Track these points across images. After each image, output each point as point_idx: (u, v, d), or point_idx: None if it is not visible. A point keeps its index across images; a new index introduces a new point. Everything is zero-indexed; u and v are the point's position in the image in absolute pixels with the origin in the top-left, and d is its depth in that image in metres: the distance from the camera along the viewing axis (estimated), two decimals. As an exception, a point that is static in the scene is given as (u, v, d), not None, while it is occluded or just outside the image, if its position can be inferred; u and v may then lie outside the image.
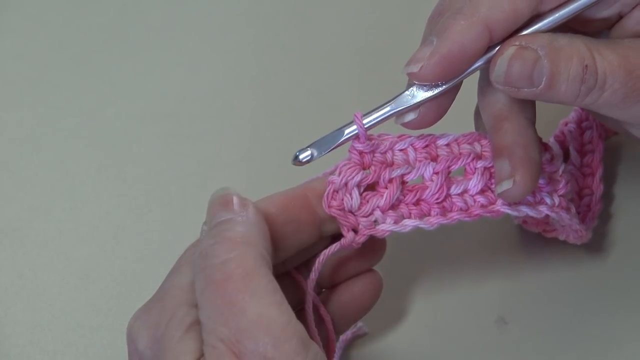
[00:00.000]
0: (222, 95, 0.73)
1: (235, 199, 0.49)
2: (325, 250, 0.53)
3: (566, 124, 0.64)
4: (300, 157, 0.52)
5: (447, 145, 0.54)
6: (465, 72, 0.50)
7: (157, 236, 0.66)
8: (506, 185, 0.50)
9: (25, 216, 0.67)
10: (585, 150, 0.63)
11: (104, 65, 0.75)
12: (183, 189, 0.68)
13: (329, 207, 0.52)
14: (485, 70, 0.51)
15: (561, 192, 0.55)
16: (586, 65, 0.48)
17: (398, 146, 0.53)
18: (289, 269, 0.55)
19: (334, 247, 0.53)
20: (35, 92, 0.73)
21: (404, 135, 0.54)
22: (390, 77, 0.58)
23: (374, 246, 0.56)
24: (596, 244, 0.63)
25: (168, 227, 0.66)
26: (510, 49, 0.49)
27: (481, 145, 0.54)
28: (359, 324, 0.60)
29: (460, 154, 0.54)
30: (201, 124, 0.71)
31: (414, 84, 0.51)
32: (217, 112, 0.72)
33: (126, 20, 0.78)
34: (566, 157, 0.62)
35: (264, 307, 0.44)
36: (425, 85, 0.51)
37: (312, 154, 0.52)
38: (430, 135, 0.54)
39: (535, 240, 0.63)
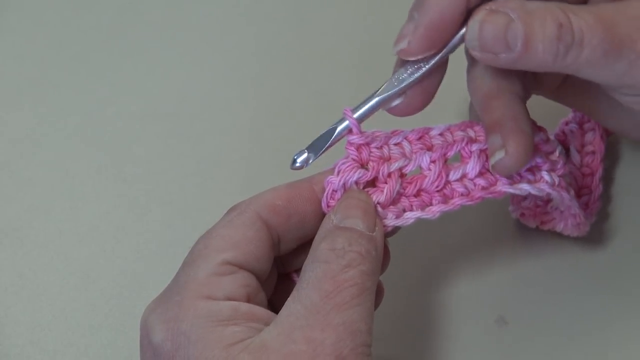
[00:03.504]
0: (222, 95, 0.73)
1: (372, 213, 0.51)
2: None
3: (567, 123, 0.64)
4: (298, 160, 0.52)
5: (441, 134, 0.54)
6: (447, 48, 0.51)
7: (157, 236, 0.66)
8: (498, 156, 0.51)
9: (25, 216, 0.67)
10: (586, 150, 0.63)
11: (104, 65, 0.75)
12: (183, 189, 0.68)
13: (328, 207, 0.52)
14: (471, 56, 0.52)
15: (559, 172, 0.55)
16: (561, 24, 0.48)
17: (392, 141, 0.54)
18: (289, 271, 0.55)
19: None
20: (35, 92, 0.73)
21: (397, 130, 0.54)
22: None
23: None
24: (597, 243, 0.64)
25: (168, 227, 0.66)
26: (480, 13, 0.49)
27: (474, 131, 0.54)
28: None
29: (454, 140, 0.54)
30: (201, 124, 0.71)
31: (396, 69, 0.52)
32: (217, 112, 0.72)
33: (126, 20, 0.78)
34: (566, 157, 0.63)
35: (358, 319, 0.47)
36: (410, 66, 0.52)
37: (309, 157, 0.52)
38: (423, 127, 0.54)
39: (535, 239, 0.64)
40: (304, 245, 0.54)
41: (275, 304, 0.53)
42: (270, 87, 0.73)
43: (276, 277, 0.54)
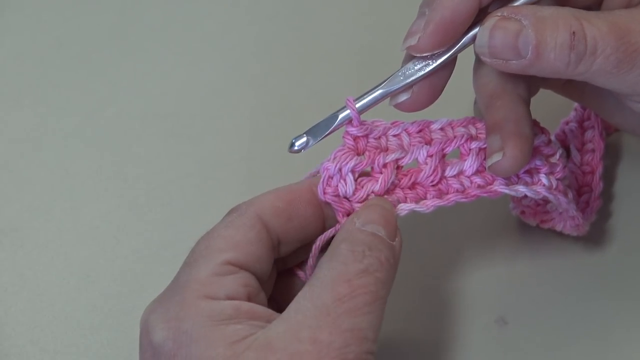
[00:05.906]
0: (222, 95, 0.73)
1: (394, 222, 0.51)
2: (320, 236, 0.53)
3: (567, 123, 0.64)
4: (296, 144, 0.53)
5: (441, 129, 0.54)
6: (457, 47, 0.51)
7: (157, 236, 0.66)
8: (496, 158, 0.51)
9: (25, 216, 0.67)
10: (586, 149, 0.63)
11: (104, 65, 0.75)
12: (183, 189, 0.68)
13: (324, 193, 0.52)
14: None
15: (558, 175, 0.55)
16: (573, 32, 0.48)
17: (391, 132, 0.54)
18: (291, 266, 0.55)
19: (329, 232, 0.53)
20: (35, 92, 0.73)
21: (397, 121, 0.54)
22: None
23: None
24: (597, 242, 0.64)
25: (168, 227, 0.66)
26: (491, 20, 0.49)
27: (476, 128, 0.54)
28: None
29: (454, 136, 0.54)
30: (201, 124, 0.71)
31: (404, 64, 0.52)
32: (217, 112, 0.72)
33: (126, 20, 0.78)
34: (567, 156, 0.63)
35: (367, 327, 0.47)
36: (418, 62, 0.52)
37: (307, 141, 0.52)
38: (424, 120, 0.54)
39: (536, 239, 0.64)
40: (304, 246, 0.54)
41: (274, 302, 0.53)
42: (271, 87, 0.73)
43: (275, 276, 0.54)
